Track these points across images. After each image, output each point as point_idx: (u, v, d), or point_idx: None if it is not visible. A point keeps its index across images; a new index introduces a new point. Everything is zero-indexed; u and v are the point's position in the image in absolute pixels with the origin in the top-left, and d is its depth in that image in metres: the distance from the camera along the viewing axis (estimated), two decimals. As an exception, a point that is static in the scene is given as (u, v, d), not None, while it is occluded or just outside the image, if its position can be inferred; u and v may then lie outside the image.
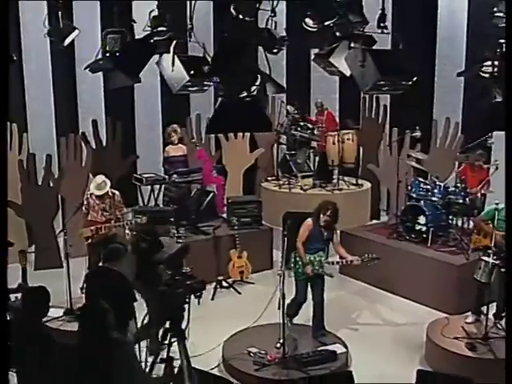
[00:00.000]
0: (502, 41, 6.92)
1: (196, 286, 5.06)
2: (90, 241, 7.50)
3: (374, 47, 5.89)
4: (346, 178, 10.37)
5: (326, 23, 6.45)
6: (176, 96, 11.45)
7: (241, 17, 6.84)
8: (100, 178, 7.46)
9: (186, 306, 4.99)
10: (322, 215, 6.61)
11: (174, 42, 5.56)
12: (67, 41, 8.25)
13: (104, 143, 10.53)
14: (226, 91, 4.13)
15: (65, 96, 10.97)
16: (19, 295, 5.30)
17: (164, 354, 5.14)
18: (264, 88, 4.60)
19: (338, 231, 8.87)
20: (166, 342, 5.02)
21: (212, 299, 8.04)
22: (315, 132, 10.23)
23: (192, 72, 5.47)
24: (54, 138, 10.62)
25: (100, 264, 6.95)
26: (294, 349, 6.29)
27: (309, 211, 7.04)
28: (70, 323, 6.62)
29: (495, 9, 8.42)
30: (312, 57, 11.52)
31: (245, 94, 4.14)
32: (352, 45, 5.28)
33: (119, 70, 5.17)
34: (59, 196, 9.34)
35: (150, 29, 6.47)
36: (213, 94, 11.33)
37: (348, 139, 9.97)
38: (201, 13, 11.83)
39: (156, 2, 10.54)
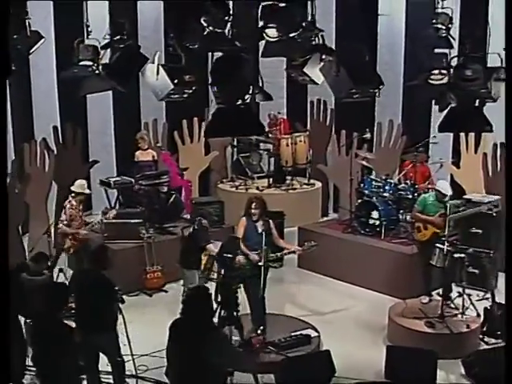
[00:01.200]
0: (447, 51, 7.73)
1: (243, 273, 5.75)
2: (72, 250, 7.64)
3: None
4: (298, 178, 11.02)
5: (291, 35, 7.06)
6: (127, 102, 11.77)
7: (211, 28, 7.37)
8: (81, 181, 7.72)
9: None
10: (250, 210, 6.99)
11: (158, 52, 5.96)
12: (33, 49, 8.48)
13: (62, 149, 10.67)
14: (223, 99, 4.59)
15: (20, 102, 11.05)
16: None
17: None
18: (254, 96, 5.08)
19: (297, 227, 9.59)
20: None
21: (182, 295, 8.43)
22: (269, 135, 10.81)
23: (175, 81, 5.89)
24: (12, 145, 10.70)
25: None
26: (271, 335, 6.80)
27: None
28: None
29: (434, 20, 9.27)
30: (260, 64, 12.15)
31: (240, 101, 4.61)
32: (323, 56, 5.84)
33: (111, 78, 5.51)
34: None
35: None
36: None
37: (300, 141, 10.61)
38: (151, 21, 12.25)
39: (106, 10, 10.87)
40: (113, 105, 12.24)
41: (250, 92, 4.65)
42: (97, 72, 6.77)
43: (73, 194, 7.76)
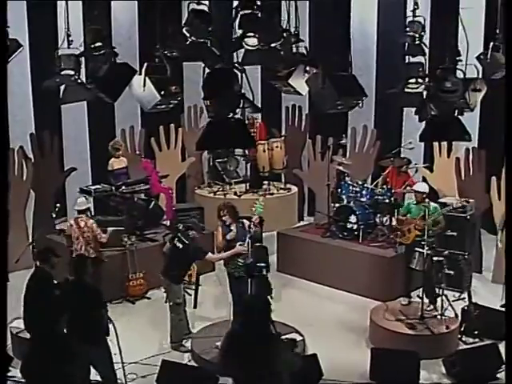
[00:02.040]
0: (422, 60, 7.97)
1: None
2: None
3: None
4: (275, 183, 11.19)
5: (273, 45, 7.22)
6: (102, 108, 11.75)
7: (193, 38, 7.47)
8: (81, 198, 8.15)
9: None
10: (222, 218, 7.23)
11: (146, 64, 6.03)
12: (12, 57, 8.48)
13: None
14: (215, 113, 4.71)
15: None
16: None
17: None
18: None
19: (276, 232, 9.74)
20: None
21: (166, 302, 8.47)
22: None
23: (162, 92, 5.98)
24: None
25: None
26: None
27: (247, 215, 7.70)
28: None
29: (408, 28, 9.52)
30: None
31: (231, 115, 4.74)
32: (307, 68, 6.01)
33: (101, 91, 5.57)
34: None
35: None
36: (139, 106, 11.80)
37: (277, 147, 10.78)
38: (124, 27, 12.26)
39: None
40: (87, 111, 12.24)
41: (241, 105, 4.77)
42: (79, 81, 6.84)
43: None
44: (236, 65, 5.31)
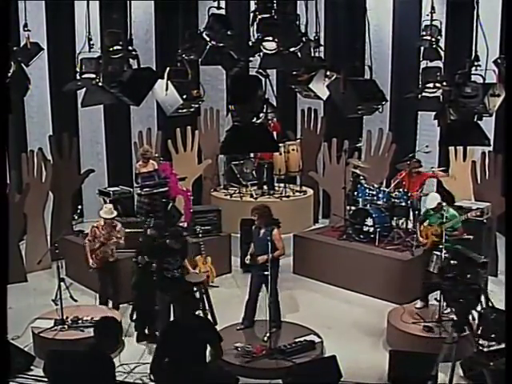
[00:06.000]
0: (440, 64, 8.01)
1: None
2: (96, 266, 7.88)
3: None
4: (291, 186, 11.25)
5: (292, 49, 7.29)
6: (118, 110, 11.84)
7: (213, 43, 7.57)
8: (108, 205, 8.01)
9: None
10: (253, 217, 7.45)
11: (168, 68, 6.12)
12: (32, 61, 8.65)
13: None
14: (240, 117, 4.79)
15: (14, 111, 11.08)
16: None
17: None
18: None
19: (292, 235, 9.79)
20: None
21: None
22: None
23: (184, 96, 6.07)
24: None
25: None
26: (275, 341, 6.99)
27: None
28: (63, 332, 7.01)
29: (424, 32, 9.56)
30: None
31: (255, 119, 4.82)
32: (328, 73, 6.08)
33: (125, 95, 5.65)
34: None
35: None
36: (155, 108, 11.93)
37: (293, 149, 10.85)
38: (141, 31, 12.36)
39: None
40: (104, 113, 12.36)
41: (265, 110, 4.85)
42: (99, 84, 6.95)
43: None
44: (261, 70, 5.35)
